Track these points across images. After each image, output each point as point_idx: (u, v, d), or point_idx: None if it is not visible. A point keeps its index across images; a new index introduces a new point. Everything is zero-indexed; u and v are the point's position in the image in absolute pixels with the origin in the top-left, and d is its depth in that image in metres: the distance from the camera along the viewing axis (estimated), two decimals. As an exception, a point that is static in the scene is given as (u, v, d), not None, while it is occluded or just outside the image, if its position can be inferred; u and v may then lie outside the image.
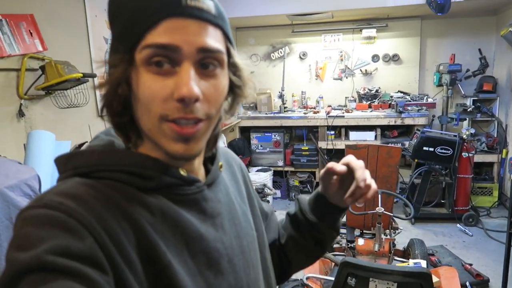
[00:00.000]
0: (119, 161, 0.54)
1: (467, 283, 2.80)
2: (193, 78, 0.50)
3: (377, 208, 2.45)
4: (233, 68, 0.58)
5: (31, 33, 2.17)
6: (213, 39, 0.52)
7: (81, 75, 2.02)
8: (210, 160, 0.67)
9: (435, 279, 1.95)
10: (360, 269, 1.72)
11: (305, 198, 0.82)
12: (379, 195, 2.64)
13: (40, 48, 2.22)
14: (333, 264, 2.33)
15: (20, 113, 2.14)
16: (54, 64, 1.97)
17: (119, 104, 0.53)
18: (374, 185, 0.69)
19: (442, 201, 4.16)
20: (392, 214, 2.59)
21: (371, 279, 1.72)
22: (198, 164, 0.62)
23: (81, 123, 2.61)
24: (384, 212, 2.44)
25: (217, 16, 0.53)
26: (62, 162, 0.55)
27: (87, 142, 2.38)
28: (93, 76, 2.26)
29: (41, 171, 1.34)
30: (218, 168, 0.66)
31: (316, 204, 0.78)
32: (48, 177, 1.45)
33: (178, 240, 0.54)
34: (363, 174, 0.67)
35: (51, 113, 2.31)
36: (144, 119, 0.52)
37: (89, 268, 0.43)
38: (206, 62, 0.52)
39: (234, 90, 0.60)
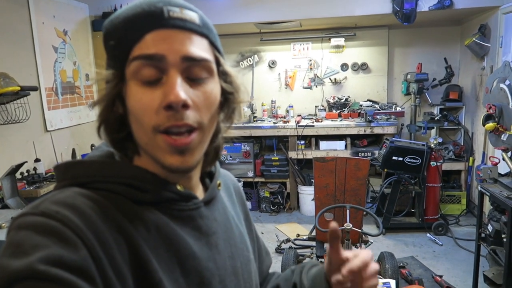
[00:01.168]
0: (118, 172, 0.54)
1: (438, 297, 2.75)
2: (179, 84, 0.50)
3: (345, 225, 2.36)
4: (224, 76, 0.59)
5: (-36, 42, 1.96)
6: (198, 48, 0.53)
7: (19, 88, 1.82)
8: (209, 177, 0.68)
9: (404, 300, 1.86)
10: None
11: (312, 268, 0.75)
12: (348, 210, 2.56)
13: (-25, 58, 2.01)
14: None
15: (-49, 131, 1.92)
16: (-12, 76, 1.77)
17: (115, 121, 0.54)
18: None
19: (412, 210, 4.15)
20: (360, 231, 2.51)
21: (337, 306, 1.61)
22: (196, 181, 0.63)
23: (26, 139, 2.39)
24: (353, 228, 2.35)
25: (202, 26, 0.54)
26: (60, 170, 0.55)
27: (26, 162, 2.16)
28: (34, 89, 2.06)
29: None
30: (217, 186, 0.66)
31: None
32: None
33: (171, 257, 0.54)
34: (356, 263, 0.60)
35: (-13, 129, 2.09)
36: (139, 132, 0.53)
37: (81, 280, 0.43)
38: (193, 72, 0.53)
39: (227, 97, 0.60)
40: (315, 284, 0.70)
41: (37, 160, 2.60)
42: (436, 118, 4.43)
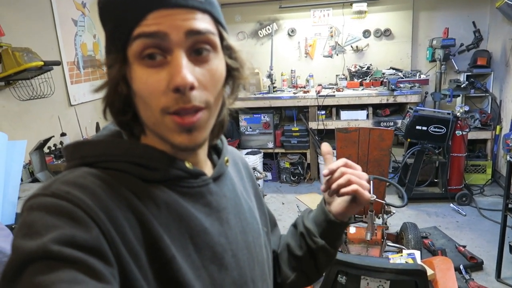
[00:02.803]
0: (126, 151, 0.54)
1: (461, 266, 2.74)
2: (186, 65, 0.50)
3: (368, 196, 2.35)
4: (228, 51, 0.57)
5: (-14, 17, 1.96)
6: (201, 22, 0.51)
7: (42, 63, 1.82)
8: (216, 153, 0.68)
9: (429, 271, 1.86)
10: (350, 267, 1.62)
11: (310, 213, 0.80)
12: (371, 181, 2.54)
13: (-3, 34, 2.01)
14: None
15: (-22, 107, 1.95)
16: (12, 51, 1.77)
17: (120, 103, 0.54)
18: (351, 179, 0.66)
19: (436, 181, 4.09)
20: (384, 202, 2.49)
21: (362, 277, 1.62)
22: (203, 158, 0.63)
23: (51, 114, 2.42)
24: (377, 199, 2.33)
25: (204, 2, 0.53)
26: (69, 150, 0.55)
27: (53, 136, 2.20)
28: (56, 63, 2.06)
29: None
30: (224, 162, 0.66)
31: (319, 216, 0.75)
32: (1, 182, 1.30)
33: (183, 233, 0.54)
34: (334, 163, 0.67)
35: (14, 105, 2.11)
36: (147, 114, 0.53)
37: (94, 259, 0.43)
38: (198, 47, 0.51)
39: (233, 73, 0.59)
40: (318, 221, 0.74)
41: (63, 134, 2.64)
42: (462, 86, 4.26)
